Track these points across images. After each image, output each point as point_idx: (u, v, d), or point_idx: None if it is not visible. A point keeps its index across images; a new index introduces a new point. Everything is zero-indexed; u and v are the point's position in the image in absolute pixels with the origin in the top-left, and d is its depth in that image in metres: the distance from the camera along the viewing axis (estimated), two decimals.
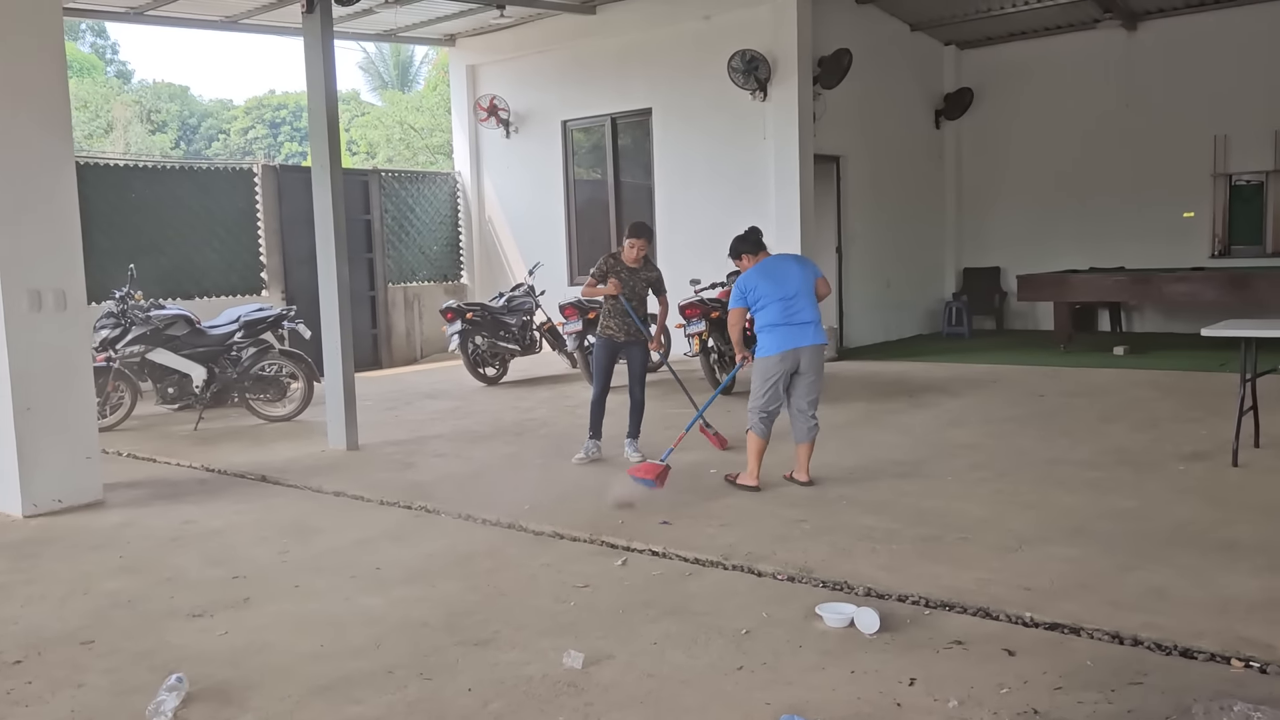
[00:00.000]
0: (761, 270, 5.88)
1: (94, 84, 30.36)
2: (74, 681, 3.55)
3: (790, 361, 5.76)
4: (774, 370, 5.78)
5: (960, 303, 14.23)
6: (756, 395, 5.86)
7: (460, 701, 3.28)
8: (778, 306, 5.77)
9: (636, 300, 6.80)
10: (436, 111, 26.14)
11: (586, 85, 13.16)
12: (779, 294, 5.78)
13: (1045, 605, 3.89)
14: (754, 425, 5.86)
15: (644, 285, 6.81)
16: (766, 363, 5.81)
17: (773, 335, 5.78)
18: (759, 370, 5.86)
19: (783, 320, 5.77)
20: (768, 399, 5.83)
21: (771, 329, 5.79)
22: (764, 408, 5.84)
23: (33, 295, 5.88)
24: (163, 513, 5.93)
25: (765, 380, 5.83)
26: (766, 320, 5.81)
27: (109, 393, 8.57)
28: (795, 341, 5.75)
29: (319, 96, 7.51)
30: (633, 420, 6.86)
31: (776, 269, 5.89)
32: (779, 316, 5.77)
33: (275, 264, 12.15)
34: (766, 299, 5.79)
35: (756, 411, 5.86)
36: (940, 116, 14.64)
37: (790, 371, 5.79)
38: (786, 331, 5.76)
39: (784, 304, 5.77)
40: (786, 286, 5.80)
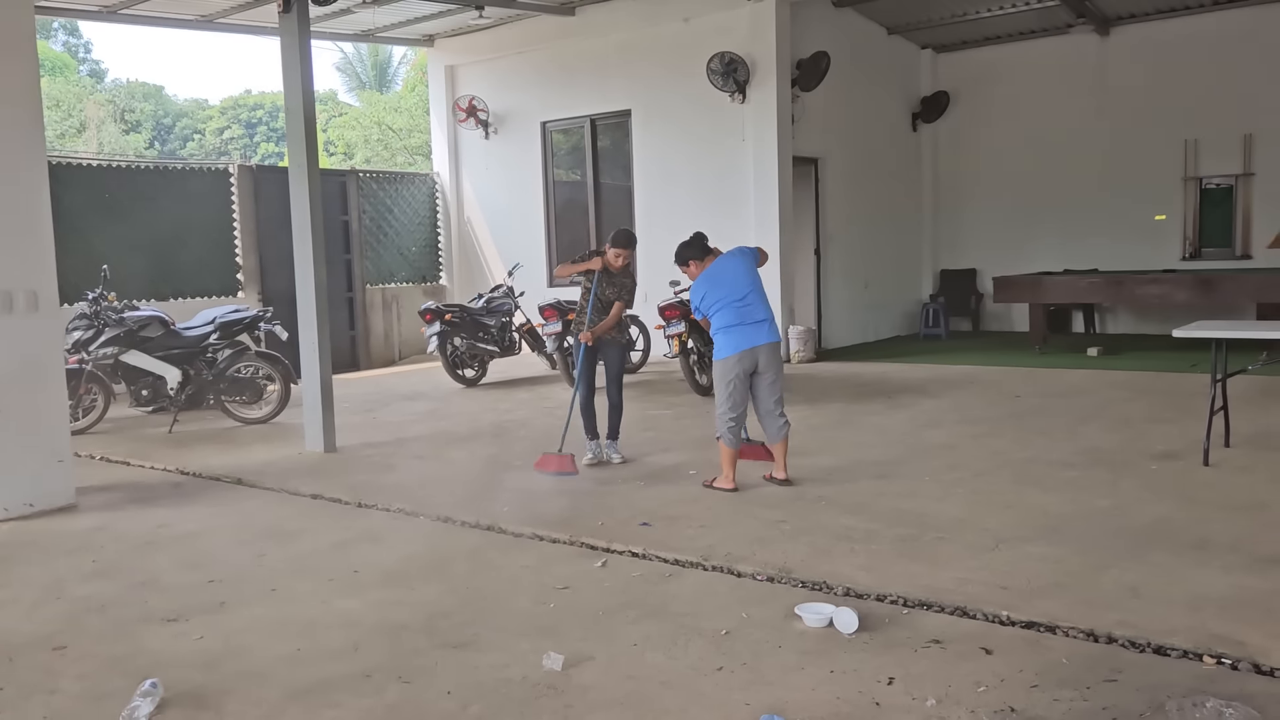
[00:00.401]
0: (709, 277, 5.94)
1: (66, 83, 30.03)
2: (46, 687, 3.50)
3: (748, 361, 5.80)
4: (732, 370, 5.82)
5: (937, 304, 14.33)
6: (721, 400, 5.88)
7: (440, 705, 3.26)
8: (731, 309, 5.83)
9: (604, 306, 6.75)
10: (415, 112, 26.05)
11: (566, 86, 13.16)
12: (731, 296, 5.84)
13: (1022, 604, 3.92)
14: (724, 435, 5.88)
15: (616, 291, 6.75)
16: (725, 364, 5.85)
17: (729, 336, 5.83)
18: (719, 373, 5.90)
19: (736, 321, 5.82)
20: (733, 402, 5.84)
21: (727, 330, 5.84)
22: (730, 413, 5.84)
23: (4, 296, 5.81)
24: (136, 516, 5.87)
25: (726, 382, 5.85)
26: (722, 322, 5.86)
27: (81, 395, 8.47)
28: (751, 341, 5.80)
29: (296, 96, 7.46)
30: (611, 421, 6.84)
31: (725, 272, 5.93)
32: (733, 318, 5.82)
33: (252, 265, 12.07)
34: (720, 303, 5.85)
35: (724, 419, 5.86)
36: (917, 119, 14.75)
37: (749, 371, 5.83)
38: (741, 331, 5.81)
39: (737, 305, 5.83)
40: (737, 287, 5.86)
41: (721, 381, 5.88)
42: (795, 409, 8.53)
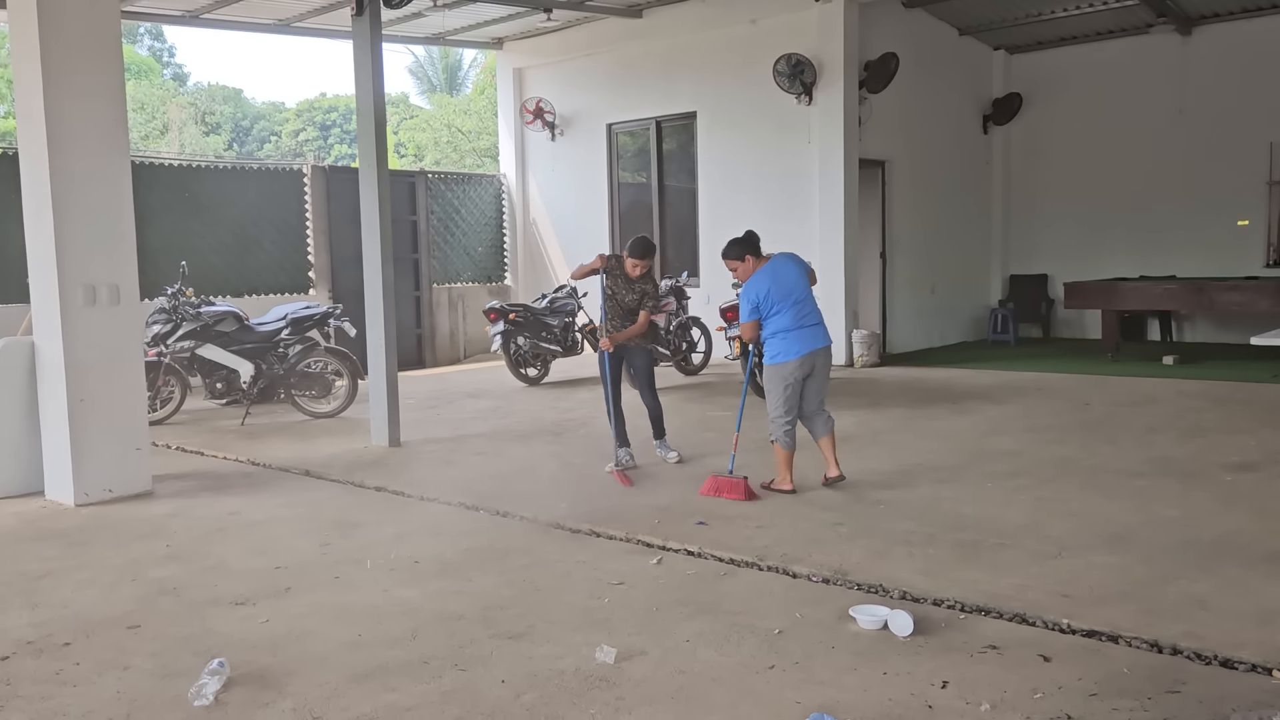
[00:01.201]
0: (770, 276, 5.79)
1: (151, 86, 31.03)
2: (120, 664, 3.64)
3: (808, 365, 5.73)
4: (792, 375, 5.73)
5: (1006, 310, 14.07)
6: (776, 404, 5.80)
7: (494, 692, 3.32)
8: (791, 311, 5.72)
9: (625, 309, 6.71)
10: (484, 114, 26.39)
11: (632, 88, 13.22)
12: (790, 299, 5.74)
13: (1083, 612, 3.85)
14: (779, 438, 5.80)
15: (636, 297, 6.69)
16: (784, 369, 5.74)
17: (787, 340, 5.72)
18: (776, 378, 5.78)
19: (795, 325, 5.72)
20: (788, 406, 5.77)
21: (785, 334, 5.73)
22: (784, 416, 5.77)
23: (88, 290, 6.05)
24: (209, 504, 6.05)
25: (785, 387, 5.76)
26: (780, 326, 5.74)
27: (159, 387, 8.76)
28: (810, 345, 5.73)
29: (367, 99, 7.63)
30: (654, 425, 6.82)
31: (782, 273, 5.81)
32: (793, 321, 5.72)
33: (323, 263, 12.34)
34: (780, 305, 5.73)
35: (780, 422, 5.79)
36: (988, 121, 14.49)
37: (806, 375, 5.76)
38: (800, 335, 5.72)
39: (796, 308, 5.73)
40: (795, 290, 5.77)
41: (778, 386, 5.79)
42: (857, 413, 8.49)
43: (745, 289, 5.85)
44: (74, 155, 5.96)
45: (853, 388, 10.06)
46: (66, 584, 4.57)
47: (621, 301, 6.71)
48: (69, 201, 5.95)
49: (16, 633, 3.97)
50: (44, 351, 6.16)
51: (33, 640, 3.88)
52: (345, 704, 3.25)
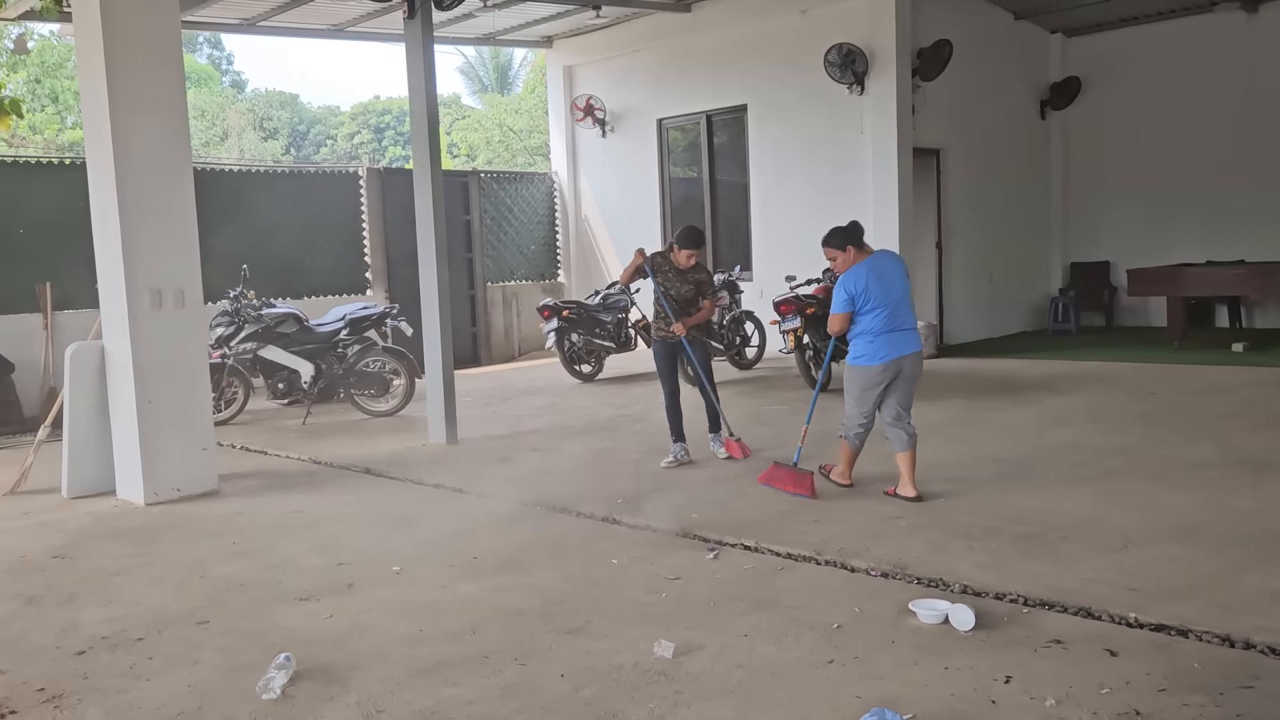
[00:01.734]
0: (872, 270, 5.39)
1: (210, 94, 31.73)
2: (191, 659, 3.74)
3: (893, 371, 5.41)
4: (875, 380, 5.42)
5: (1067, 298, 13.79)
6: (854, 407, 5.52)
7: (553, 686, 3.34)
8: (884, 312, 5.36)
9: (682, 301, 6.66)
10: (534, 113, 26.52)
11: (682, 83, 13.19)
12: (887, 298, 5.37)
13: (1151, 606, 3.76)
14: (850, 437, 5.59)
15: (691, 287, 6.64)
16: (867, 372, 5.44)
17: (876, 343, 5.39)
18: (857, 380, 5.49)
19: (887, 327, 5.37)
20: (865, 410, 5.49)
21: (874, 336, 5.39)
22: (862, 419, 5.52)
23: (154, 294, 6.20)
24: (273, 502, 6.18)
25: (865, 391, 5.46)
26: (870, 326, 5.39)
27: (224, 388, 8.95)
28: (900, 350, 5.40)
29: (420, 100, 7.72)
30: (711, 419, 6.78)
31: (883, 270, 5.43)
32: (884, 323, 5.37)
33: (379, 264, 12.51)
34: (875, 303, 5.36)
35: (854, 424, 5.55)
36: (1046, 107, 14.20)
37: (890, 380, 5.44)
38: (890, 339, 5.38)
39: (891, 309, 5.37)
40: (893, 291, 5.40)
41: (856, 389, 5.48)
42: (916, 405, 8.34)
43: (844, 279, 5.43)
44: (139, 164, 6.12)
45: None
46: (138, 581, 4.70)
47: (676, 295, 6.66)
48: (135, 209, 6.11)
49: (92, 628, 4.09)
50: (113, 355, 6.34)
51: (107, 635, 4.00)
52: (407, 698, 3.30)
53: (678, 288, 6.66)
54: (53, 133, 24.75)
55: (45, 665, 3.72)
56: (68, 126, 25.28)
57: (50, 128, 24.95)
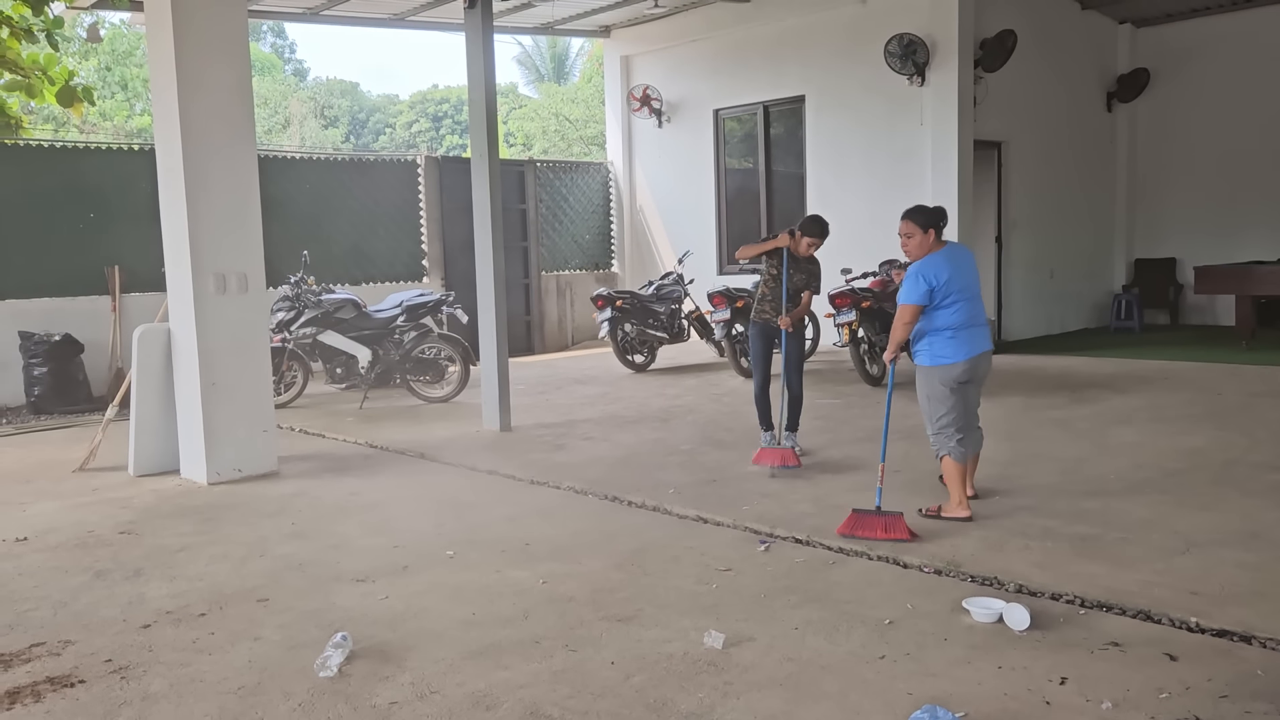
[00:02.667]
0: (952, 262, 5.01)
1: (273, 82, 32.26)
2: (251, 635, 3.83)
3: (972, 370, 5.02)
4: (959, 379, 5.01)
5: (1131, 295, 13.49)
6: (941, 414, 5.06)
7: (603, 673, 3.37)
8: (967, 307, 4.98)
9: (792, 291, 6.47)
10: (591, 103, 26.57)
11: (739, 73, 13.12)
12: (970, 292, 5.00)
13: (1213, 611, 3.68)
14: (950, 450, 5.05)
15: (803, 277, 6.49)
16: (952, 371, 5.01)
17: (957, 340, 4.99)
18: (939, 380, 5.05)
19: (968, 323, 5.00)
20: (955, 414, 5.04)
21: (955, 332, 4.99)
22: (953, 425, 5.04)
23: (218, 278, 6.34)
24: (331, 484, 6.30)
25: (950, 392, 5.04)
26: (951, 321, 4.99)
27: (284, 372, 9.13)
28: (980, 347, 5.04)
29: (479, 89, 7.78)
30: (791, 412, 6.53)
31: (963, 263, 5.06)
32: (966, 318, 4.99)
33: (436, 251, 12.65)
34: (958, 297, 4.97)
35: (949, 432, 5.05)
36: (1112, 99, 13.88)
37: (968, 381, 5.06)
38: (971, 335, 5.01)
39: (971, 304, 5.01)
40: (972, 285, 5.04)
41: (941, 390, 5.04)
42: None
43: (921, 267, 5.01)
44: (205, 151, 6.26)
45: None
46: (201, 558, 4.83)
47: (789, 285, 6.44)
48: (201, 195, 6.25)
49: (157, 603, 4.21)
50: (178, 337, 6.50)
51: (171, 610, 4.11)
52: (460, 679, 3.35)
53: (791, 277, 6.46)
54: (122, 119, 25.38)
55: (112, 637, 3.84)
56: (136, 113, 25.91)
57: (120, 114, 25.58)
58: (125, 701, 3.28)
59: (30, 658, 3.66)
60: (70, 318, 9.67)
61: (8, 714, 3.20)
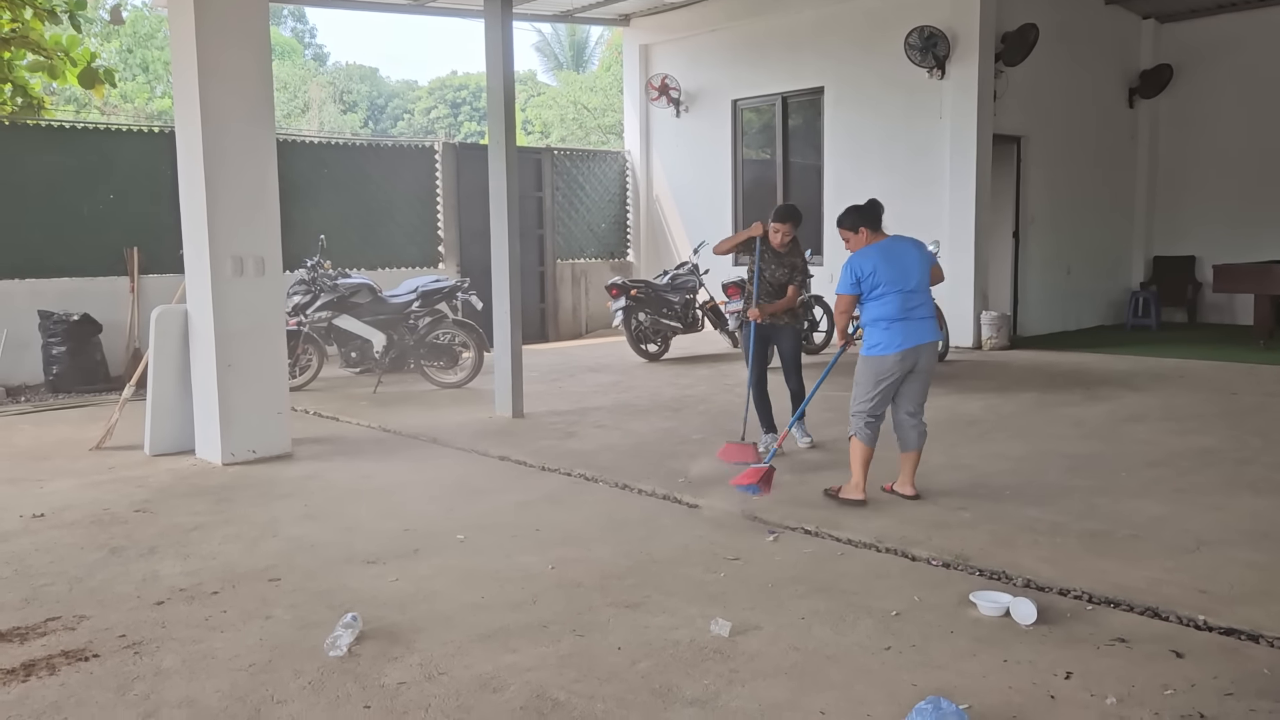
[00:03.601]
0: (884, 253, 5.16)
1: (293, 66, 32.34)
2: (262, 613, 3.87)
3: (909, 362, 5.13)
4: (890, 371, 5.13)
5: (1148, 293, 13.41)
6: (864, 399, 5.20)
7: (610, 658, 3.39)
8: (897, 299, 5.09)
9: (776, 285, 6.42)
10: (609, 91, 26.55)
11: (758, 64, 13.08)
12: (901, 284, 5.10)
13: (1222, 609, 3.68)
14: (859, 431, 5.21)
15: (785, 271, 6.39)
16: (882, 363, 5.14)
17: (890, 331, 5.11)
18: (870, 371, 5.19)
19: (902, 314, 5.10)
20: (875, 403, 5.18)
21: (889, 324, 5.11)
22: (872, 411, 5.19)
23: (236, 261, 6.39)
24: (343, 467, 6.34)
25: (878, 382, 5.16)
26: (882, 313, 5.12)
27: (299, 355, 9.18)
28: (917, 339, 5.12)
29: (498, 76, 7.79)
30: (794, 407, 6.50)
31: (899, 254, 5.18)
32: (897, 310, 5.10)
33: (452, 237, 12.68)
34: (886, 288, 5.10)
35: (863, 416, 5.20)
36: (1135, 95, 13.77)
37: (906, 372, 5.18)
38: (905, 328, 5.11)
39: (905, 296, 5.10)
40: (909, 277, 5.12)
41: (871, 379, 5.18)
42: (985, 396, 8.27)
43: (851, 260, 5.23)
44: (225, 134, 6.29)
45: (981, 371, 9.78)
46: (214, 537, 4.88)
47: (770, 278, 6.39)
48: (220, 177, 6.29)
49: (171, 580, 4.26)
50: (195, 319, 6.55)
51: (185, 588, 4.16)
52: (468, 662, 3.38)
53: (772, 270, 6.38)
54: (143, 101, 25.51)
55: (126, 613, 3.89)
56: (157, 95, 26.03)
57: (140, 96, 25.71)
58: (138, 676, 3.32)
59: (46, 631, 3.72)
60: (89, 298, 9.75)
61: (23, 685, 3.26)
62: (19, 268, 9.59)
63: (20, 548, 4.76)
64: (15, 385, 9.42)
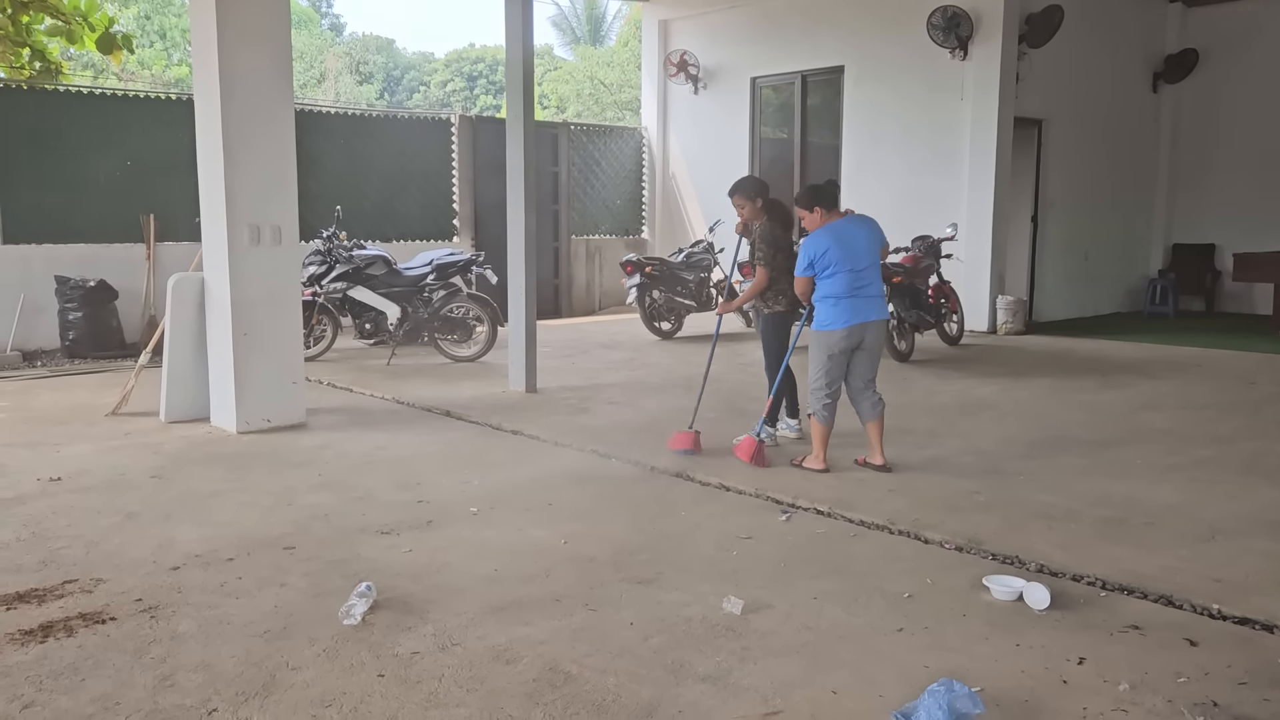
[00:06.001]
0: (834, 234, 5.36)
1: (310, 36, 32.25)
2: (277, 581, 3.90)
3: (856, 337, 5.36)
4: (837, 345, 5.37)
5: (1166, 280, 13.31)
6: (817, 375, 5.46)
7: (622, 633, 3.40)
8: (846, 277, 5.31)
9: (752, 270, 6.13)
10: (626, 67, 26.40)
11: (778, 41, 12.97)
12: (850, 264, 5.31)
13: (1236, 599, 3.66)
14: (816, 411, 5.47)
15: (751, 255, 6.15)
16: (830, 337, 5.38)
17: (838, 308, 5.34)
18: (820, 346, 5.44)
19: (849, 292, 5.32)
20: (830, 378, 5.43)
21: (837, 300, 5.34)
22: (827, 388, 5.44)
23: (253, 230, 6.39)
24: (357, 438, 6.36)
25: (828, 357, 5.40)
26: (832, 290, 5.35)
27: (313, 325, 9.19)
28: (863, 315, 5.34)
29: (516, 50, 7.75)
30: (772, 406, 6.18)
31: (850, 235, 5.38)
32: (846, 288, 5.32)
33: (467, 211, 12.66)
34: (836, 267, 5.31)
35: (820, 394, 5.45)
36: (1158, 79, 13.61)
37: (854, 348, 5.40)
38: (853, 304, 5.33)
39: (854, 275, 5.32)
40: (859, 257, 5.34)
41: (820, 354, 5.43)
42: (999, 381, 8.24)
43: (805, 243, 5.44)
44: (244, 103, 6.27)
45: (995, 355, 9.74)
46: (230, 504, 4.90)
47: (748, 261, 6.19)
48: (238, 146, 6.28)
49: (186, 546, 4.29)
50: (212, 287, 6.56)
51: (200, 554, 4.19)
52: (481, 633, 3.40)
53: (750, 254, 6.19)
54: (160, 68, 25.48)
55: (142, 577, 3.92)
56: (174, 63, 25.99)
57: (158, 63, 25.68)
58: (154, 640, 3.35)
59: (63, 594, 3.75)
60: (105, 264, 9.78)
61: (41, 646, 3.29)
62: (36, 233, 9.62)
63: (38, 510, 4.79)
64: (32, 350, 9.47)
